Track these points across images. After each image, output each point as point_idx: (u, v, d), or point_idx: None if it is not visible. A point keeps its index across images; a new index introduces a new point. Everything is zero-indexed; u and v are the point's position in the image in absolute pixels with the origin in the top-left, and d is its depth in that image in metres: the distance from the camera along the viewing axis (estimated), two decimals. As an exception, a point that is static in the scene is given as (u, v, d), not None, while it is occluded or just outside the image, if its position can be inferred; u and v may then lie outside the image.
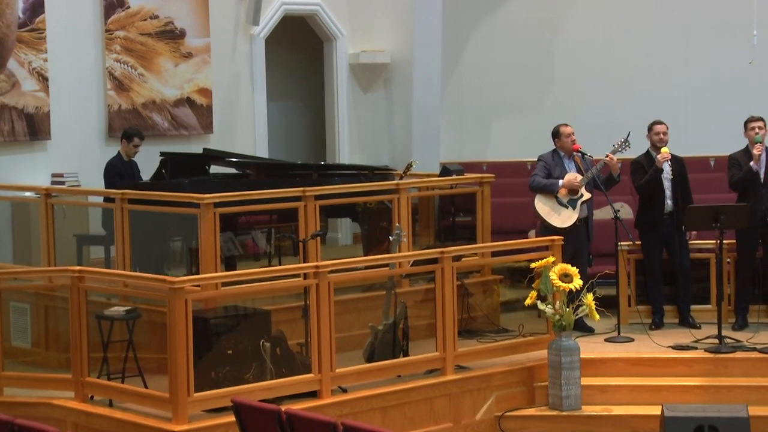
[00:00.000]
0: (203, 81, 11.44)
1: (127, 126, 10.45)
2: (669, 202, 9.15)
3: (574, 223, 8.98)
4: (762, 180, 9.04)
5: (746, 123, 9.19)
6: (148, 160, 10.11)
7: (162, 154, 9.93)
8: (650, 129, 9.28)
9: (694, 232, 9.31)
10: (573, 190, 9.03)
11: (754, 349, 8.52)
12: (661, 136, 9.21)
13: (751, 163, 9.01)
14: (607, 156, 9.05)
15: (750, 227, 8.91)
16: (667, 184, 9.17)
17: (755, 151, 9.01)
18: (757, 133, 9.07)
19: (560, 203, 9.02)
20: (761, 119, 9.17)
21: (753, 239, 9.08)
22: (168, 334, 6.90)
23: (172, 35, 11.22)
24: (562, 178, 9.05)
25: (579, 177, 9.04)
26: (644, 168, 9.19)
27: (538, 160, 9.26)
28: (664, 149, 9.13)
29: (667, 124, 9.30)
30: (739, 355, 8.47)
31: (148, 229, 8.93)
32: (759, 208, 8.95)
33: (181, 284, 6.90)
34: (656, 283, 9.27)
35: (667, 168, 9.15)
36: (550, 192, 9.03)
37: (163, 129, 11.16)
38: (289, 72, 13.48)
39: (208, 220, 8.20)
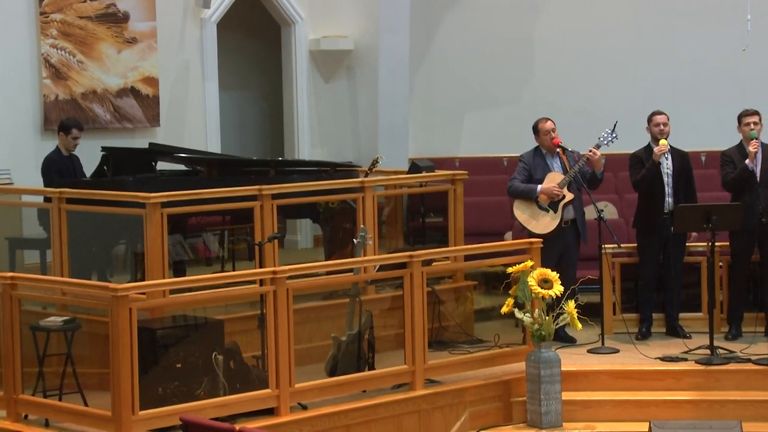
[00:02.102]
0: (149, 69, 11.41)
1: (64, 117, 10.39)
2: (669, 200, 9.18)
3: (558, 226, 9.03)
4: (759, 179, 9.09)
5: (740, 117, 9.22)
6: (88, 156, 10.06)
7: (104, 149, 9.89)
8: (650, 120, 9.29)
9: (694, 234, 9.31)
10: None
11: (749, 361, 8.59)
12: (662, 127, 9.22)
13: (746, 161, 9.04)
14: (590, 150, 9.08)
15: (746, 230, 8.95)
16: (667, 180, 9.20)
17: (751, 149, 9.03)
18: (752, 129, 9.08)
19: (541, 208, 9.06)
20: (756, 113, 9.19)
21: (749, 242, 9.11)
22: (110, 346, 6.87)
23: (114, 18, 11.17)
24: (544, 181, 9.08)
25: (559, 178, 9.05)
26: (643, 162, 9.22)
27: (519, 160, 9.30)
28: (662, 141, 9.13)
29: (668, 114, 9.31)
30: (732, 367, 8.53)
31: (88, 232, 8.89)
32: (756, 209, 8.97)
33: (125, 292, 6.88)
34: (649, 289, 9.33)
35: (667, 162, 9.17)
36: (529, 198, 9.07)
37: (105, 121, 11.12)
38: (244, 59, 13.46)
39: (155, 222, 8.18)
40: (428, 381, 8.10)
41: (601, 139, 9.24)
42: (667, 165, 9.20)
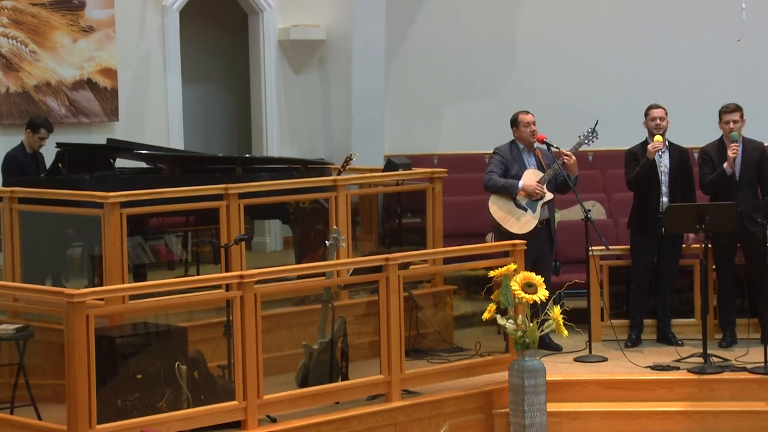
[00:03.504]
0: (107, 60, 11.37)
1: (34, 115, 10.35)
2: (665, 200, 9.21)
3: (535, 227, 9.05)
4: (738, 179, 9.11)
5: (720, 113, 9.19)
6: (42, 152, 10.03)
7: (58, 145, 9.84)
8: (646, 114, 9.31)
9: (692, 235, 9.32)
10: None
11: (744, 370, 8.64)
12: (658, 122, 9.24)
13: (725, 165, 9.05)
14: (565, 155, 9.06)
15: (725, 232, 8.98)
16: (663, 179, 9.23)
17: (730, 153, 9.02)
18: (732, 129, 9.08)
19: (518, 206, 9.08)
20: (738, 109, 9.15)
21: (729, 246, 9.16)
22: (66, 356, 6.85)
23: (69, 6, 11.13)
24: (521, 176, 9.10)
25: (537, 176, 9.07)
26: (638, 159, 9.24)
27: (494, 153, 9.31)
28: (657, 137, 9.15)
29: (665, 108, 9.33)
30: (726, 376, 8.58)
31: (42, 233, 8.86)
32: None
33: (81, 298, 6.86)
34: (641, 293, 9.37)
35: (664, 160, 9.21)
36: (509, 194, 9.09)
37: (60, 116, 11.08)
38: (208, 50, 13.43)
39: (114, 223, 8.16)
40: (405, 392, 8.11)
41: (582, 137, 9.27)
42: (663, 162, 9.23)
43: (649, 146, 9.15)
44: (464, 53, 13.14)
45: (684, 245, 9.39)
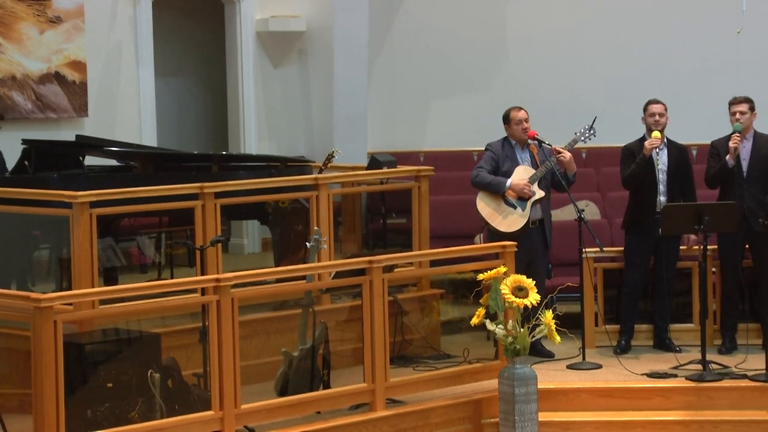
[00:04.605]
0: (76, 52, 11.36)
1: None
2: (662, 199, 9.23)
3: (525, 226, 9.07)
4: (746, 175, 9.16)
5: (729, 105, 9.26)
6: (6, 150, 10.02)
7: (24, 141, 9.83)
8: (645, 109, 9.32)
9: (693, 237, 9.29)
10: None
11: (744, 377, 8.67)
12: (657, 117, 9.26)
13: (727, 157, 9.09)
14: (560, 153, 9.08)
15: (729, 232, 9.01)
16: (661, 177, 9.25)
17: (730, 144, 9.05)
18: (737, 120, 9.14)
19: (507, 203, 9.09)
20: (746, 101, 9.21)
21: (734, 245, 9.20)
22: (32, 364, 6.83)
23: (36, -5, 11.14)
24: (512, 173, 9.11)
25: (529, 173, 9.08)
26: (634, 156, 9.26)
27: (486, 149, 9.33)
28: (655, 133, 9.17)
29: (665, 104, 9.35)
30: (726, 383, 8.61)
31: (7, 235, 8.84)
32: (739, 209, 9.03)
33: (48, 302, 6.84)
34: (634, 297, 9.39)
35: (661, 157, 9.22)
36: (497, 192, 9.10)
37: (26, 111, 11.06)
38: (183, 42, 13.43)
39: (83, 224, 8.15)
40: (390, 401, 8.12)
41: (578, 134, 9.28)
42: (660, 160, 9.25)
43: (646, 143, 9.17)
44: (452, 45, 13.15)
45: (684, 246, 9.41)
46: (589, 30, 13.01)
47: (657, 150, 9.20)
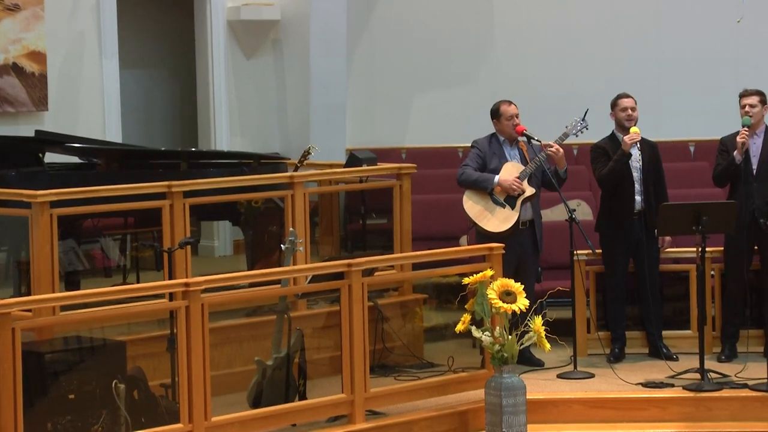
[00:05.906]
0: (35, 42, 11.33)
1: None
2: (638, 198, 9.28)
3: (514, 225, 9.07)
4: (755, 172, 9.19)
5: (739, 97, 9.26)
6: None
7: (-20, 137, 9.83)
8: (614, 104, 9.38)
9: (668, 239, 9.42)
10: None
11: (745, 386, 8.69)
12: (630, 112, 9.31)
13: (735, 153, 9.12)
14: (550, 148, 9.09)
15: (737, 231, 9.02)
16: (636, 176, 9.29)
17: (739, 138, 9.06)
18: (747, 113, 9.16)
19: (495, 202, 9.10)
20: (757, 93, 9.22)
21: (744, 248, 9.20)
22: (-11, 373, 6.84)
23: (-7, -19, 11.11)
24: (500, 170, 9.12)
25: (518, 170, 9.09)
26: (608, 154, 9.28)
27: (472, 146, 9.35)
28: (633, 129, 9.19)
29: (635, 98, 9.40)
30: (725, 393, 8.63)
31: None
32: (748, 208, 9.09)
33: (6, 308, 6.83)
34: (618, 302, 9.41)
35: (636, 155, 9.28)
36: (483, 189, 9.11)
37: (-18, 105, 11.04)
38: (149, 32, 13.40)
39: (43, 225, 8.13)
40: (370, 412, 8.13)
41: (569, 127, 9.30)
42: (635, 158, 9.28)
43: (626, 138, 9.16)
44: (436, 35, 13.16)
45: (660, 247, 9.42)
46: (582, 19, 13.04)
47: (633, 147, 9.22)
